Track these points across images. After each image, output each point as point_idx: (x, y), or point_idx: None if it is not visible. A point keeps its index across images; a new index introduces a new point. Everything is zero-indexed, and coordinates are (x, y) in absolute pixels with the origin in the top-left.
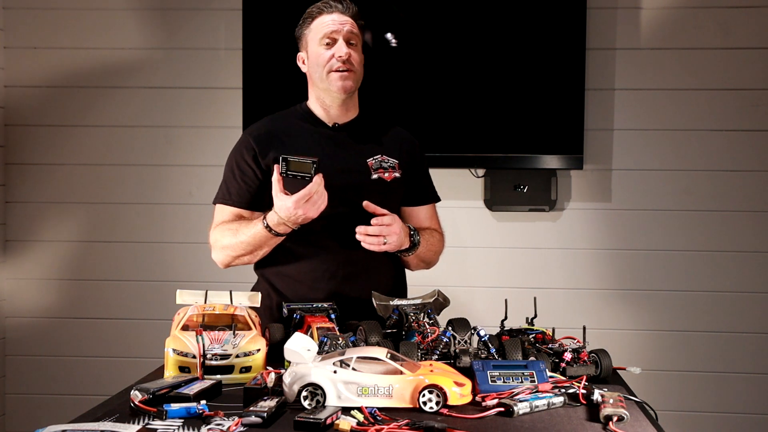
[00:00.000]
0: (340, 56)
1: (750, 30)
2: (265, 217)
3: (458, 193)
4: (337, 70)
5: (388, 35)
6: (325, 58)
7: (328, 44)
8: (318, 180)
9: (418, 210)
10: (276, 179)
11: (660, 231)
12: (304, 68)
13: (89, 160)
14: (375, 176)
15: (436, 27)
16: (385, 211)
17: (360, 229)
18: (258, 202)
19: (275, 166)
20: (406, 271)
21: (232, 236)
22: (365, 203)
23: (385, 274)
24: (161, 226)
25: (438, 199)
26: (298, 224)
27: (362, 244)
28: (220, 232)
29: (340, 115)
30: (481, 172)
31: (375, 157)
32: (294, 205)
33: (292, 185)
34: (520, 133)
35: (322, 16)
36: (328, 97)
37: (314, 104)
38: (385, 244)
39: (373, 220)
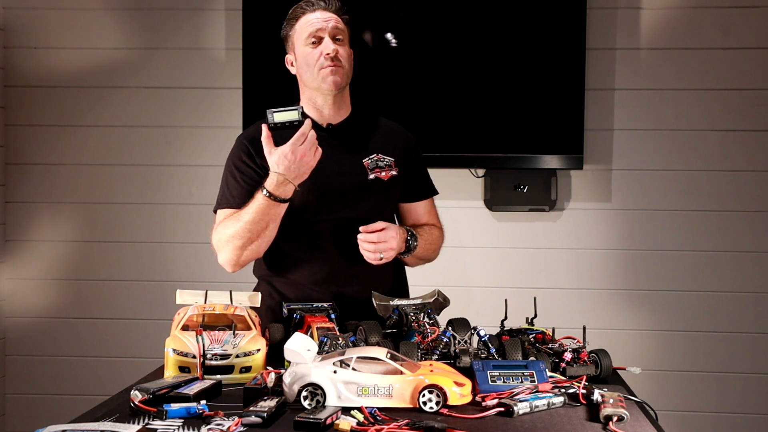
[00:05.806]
0: (327, 53)
1: (750, 30)
2: (263, 186)
3: (458, 193)
4: (326, 67)
5: (388, 35)
6: (314, 57)
7: (314, 43)
8: (308, 123)
9: (417, 206)
10: (265, 139)
11: (660, 231)
12: (293, 70)
13: (89, 161)
14: (372, 176)
15: (435, 27)
16: (379, 224)
17: (360, 237)
18: None
19: (263, 126)
20: (407, 269)
21: (235, 222)
22: (361, 228)
23: (385, 274)
24: (161, 226)
25: (435, 192)
26: (301, 176)
27: (363, 255)
28: (222, 227)
29: (333, 114)
30: (481, 172)
31: (371, 157)
32: (291, 150)
33: (281, 139)
34: (520, 133)
35: (306, 16)
36: (319, 97)
37: (306, 106)
38: (381, 259)
39: (367, 231)
